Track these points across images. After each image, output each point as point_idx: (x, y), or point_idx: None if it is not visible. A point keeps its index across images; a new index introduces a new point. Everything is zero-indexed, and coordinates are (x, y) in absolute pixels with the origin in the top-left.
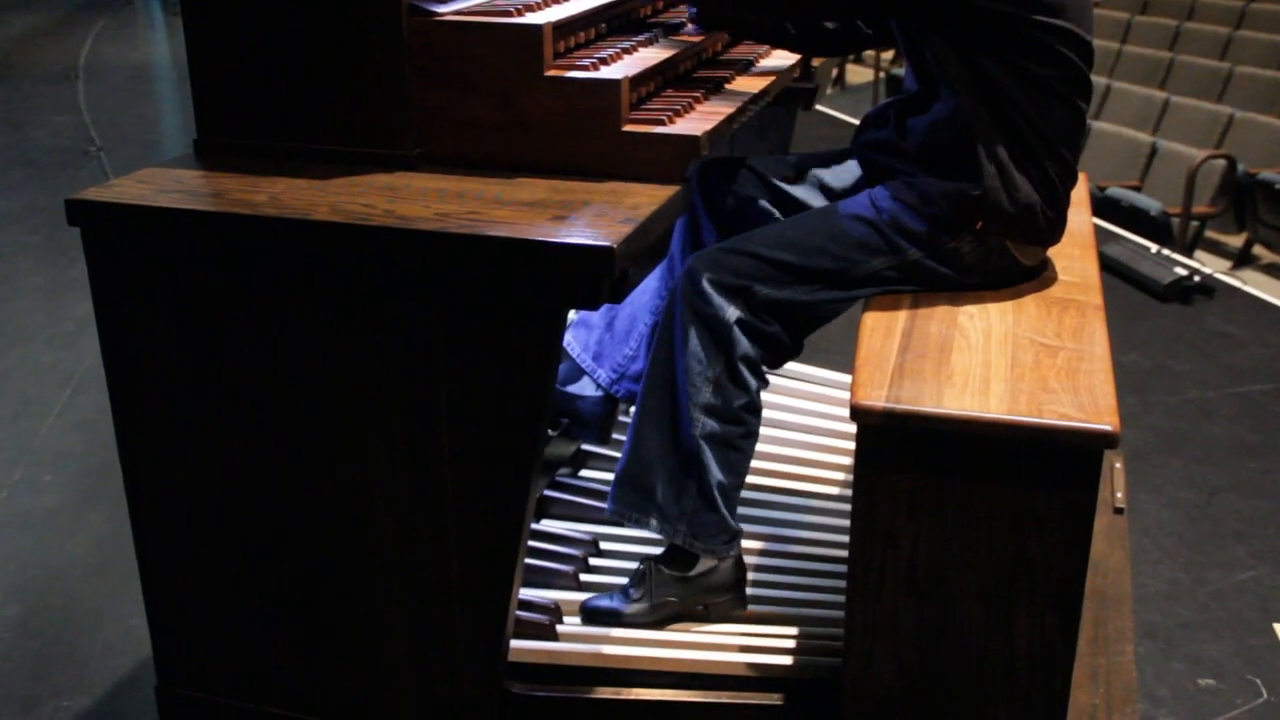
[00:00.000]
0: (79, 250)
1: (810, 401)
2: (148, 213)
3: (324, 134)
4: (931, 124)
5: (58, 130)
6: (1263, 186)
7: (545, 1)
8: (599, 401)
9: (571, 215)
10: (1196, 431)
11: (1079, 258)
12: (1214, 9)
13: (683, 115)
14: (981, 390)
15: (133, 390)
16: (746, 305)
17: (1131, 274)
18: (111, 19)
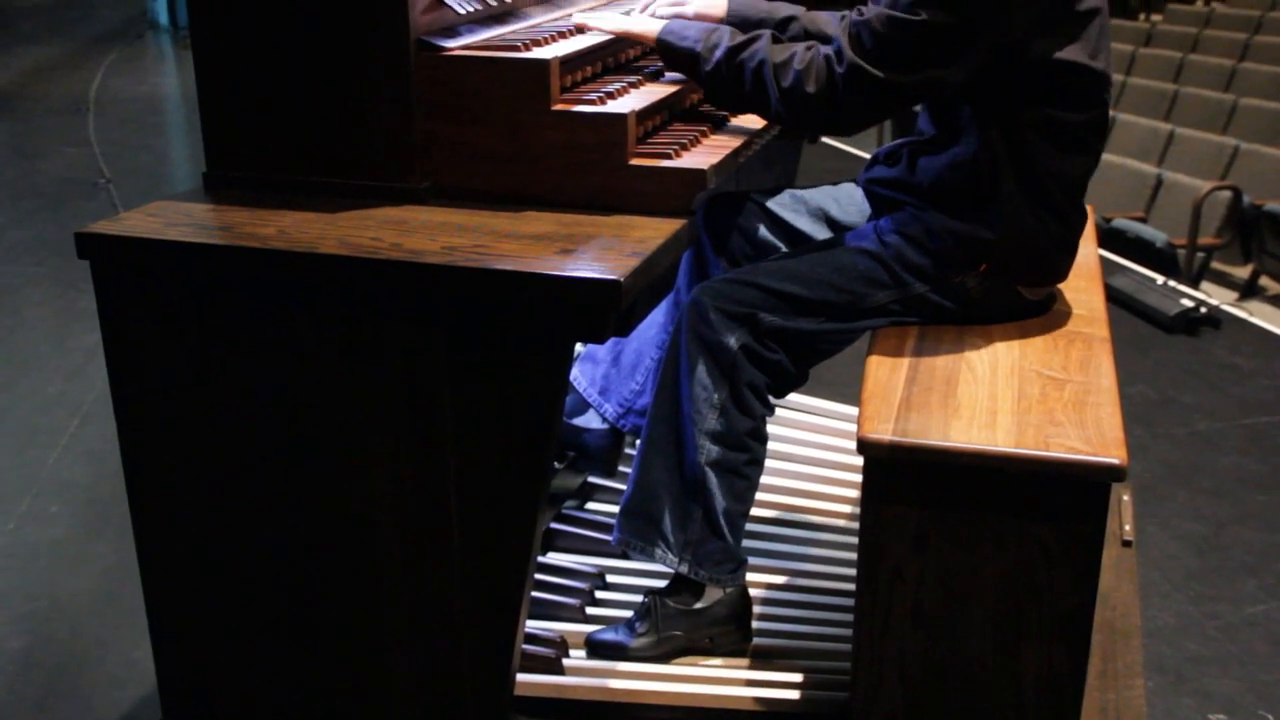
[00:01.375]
0: (87, 281)
1: (817, 434)
2: (157, 246)
3: (332, 168)
4: (949, 166)
5: (68, 162)
6: (1268, 218)
7: (552, 36)
8: (605, 434)
9: (578, 249)
10: (1204, 463)
11: (1085, 290)
12: (1218, 42)
13: (689, 149)
14: (988, 423)
15: (140, 421)
16: (751, 333)
17: (1138, 305)
18: (122, 52)
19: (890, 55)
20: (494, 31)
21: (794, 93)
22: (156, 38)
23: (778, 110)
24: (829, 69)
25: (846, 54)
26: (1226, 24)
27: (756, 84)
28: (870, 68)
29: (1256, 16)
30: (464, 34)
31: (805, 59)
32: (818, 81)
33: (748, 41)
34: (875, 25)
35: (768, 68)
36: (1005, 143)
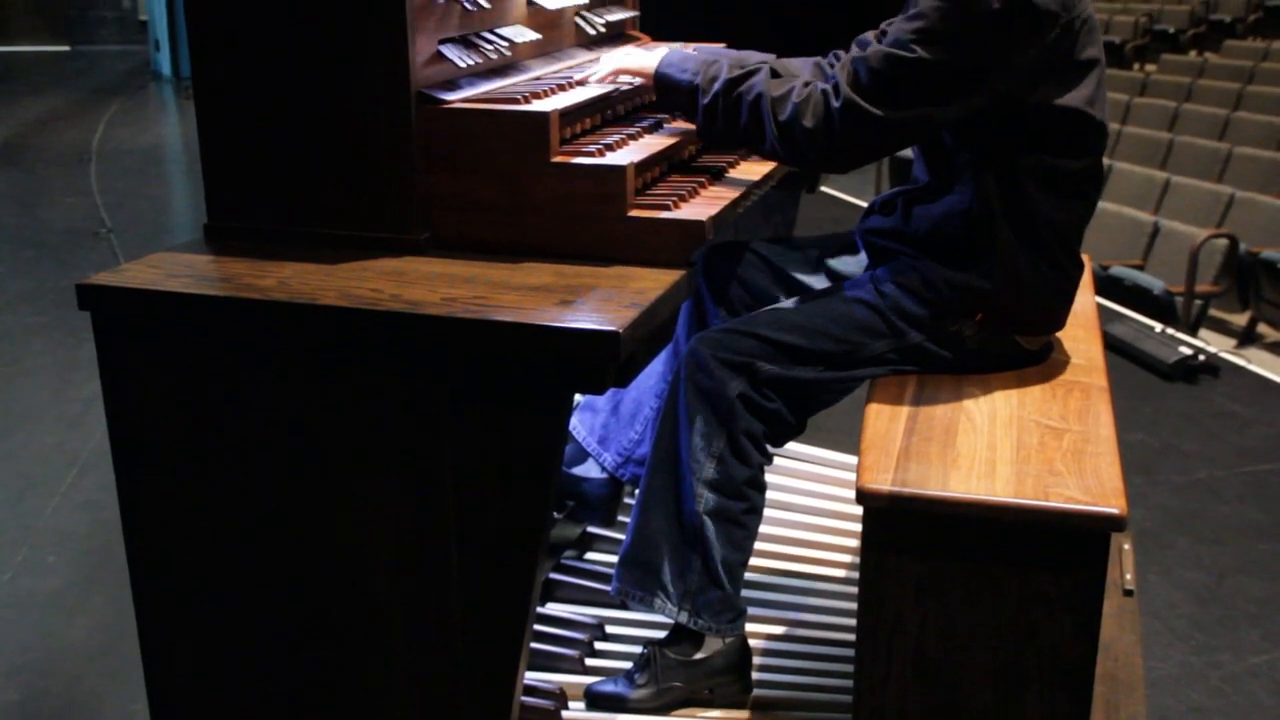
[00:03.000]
0: (87, 331)
1: (816, 483)
2: (157, 297)
3: (333, 219)
4: (944, 215)
5: (69, 212)
6: (1265, 265)
7: (552, 89)
8: (604, 484)
9: (577, 300)
10: (1205, 511)
11: (1083, 339)
12: (1212, 91)
13: (688, 200)
14: (987, 473)
15: (139, 472)
16: (749, 381)
17: (1136, 353)
18: (124, 102)
19: (886, 92)
20: (494, 84)
21: (791, 127)
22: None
23: (773, 144)
24: (826, 104)
25: (844, 89)
26: (1220, 74)
27: (753, 117)
28: (866, 104)
29: (1249, 67)
30: (464, 86)
31: (803, 93)
32: (815, 116)
33: (746, 74)
34: (873, 62)
35: (765, 101)
36: (1001, 191)
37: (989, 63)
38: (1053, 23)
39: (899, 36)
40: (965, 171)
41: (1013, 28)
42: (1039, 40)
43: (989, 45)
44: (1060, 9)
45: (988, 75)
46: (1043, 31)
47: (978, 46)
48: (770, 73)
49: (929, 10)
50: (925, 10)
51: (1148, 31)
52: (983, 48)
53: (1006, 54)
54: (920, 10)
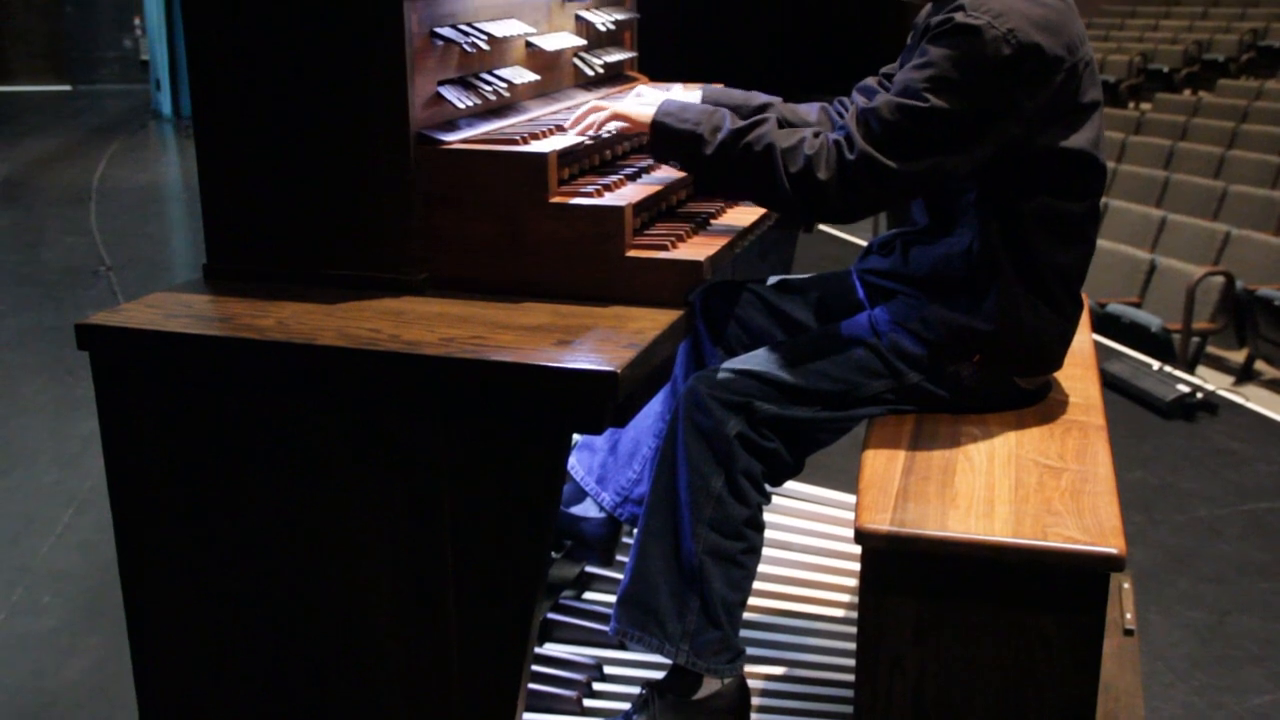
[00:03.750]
0: (85, 369)
1: (814, 522)
2: (156, 337)
3: (332, 259)
4: (944, 256)
5: (68, 250)
6: (1262, 303)
7: (550, 130)
8: (603, 523)
9: (575, 340)
10: (1205, 550)
11: (1081, 378)
12: (1206, 130)
13: (685, 240)
14: (986, 513)
15: (136, 512)
16: (747, 420)
17: (1134, 391)
18: (125, 141)
19: (901, 143)
20: (493, 125)
21: (804, 178)
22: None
23: (785, 195)
24: (840, 156)
25: (857, 141)
26: (1214, 113)
27: (764, 167)
28: (881, 156)
29: (1243, 106)
30: (463, 127)
31: (815, 145)
32: (828, 168)
33: (753, 124)
34: (885, 113)
35: (776, 151)
36: (1004, 234)
37: (1001, 108)
38: (1060, 66)
39: (910, 85)
40: (967, 214)
41: (1023, 73)
42: (1048, 84)
43: (1001, 91)
44: (1066, 53)
45: (1000, 121)
46: (1051, 76)
47: (990, 93)
48: (776, 122)
49: (939, 59)
50: (936, 59)
51: (1142, 71)
52: (995, 94)
53: (1017, 99)
54: (930, 59)
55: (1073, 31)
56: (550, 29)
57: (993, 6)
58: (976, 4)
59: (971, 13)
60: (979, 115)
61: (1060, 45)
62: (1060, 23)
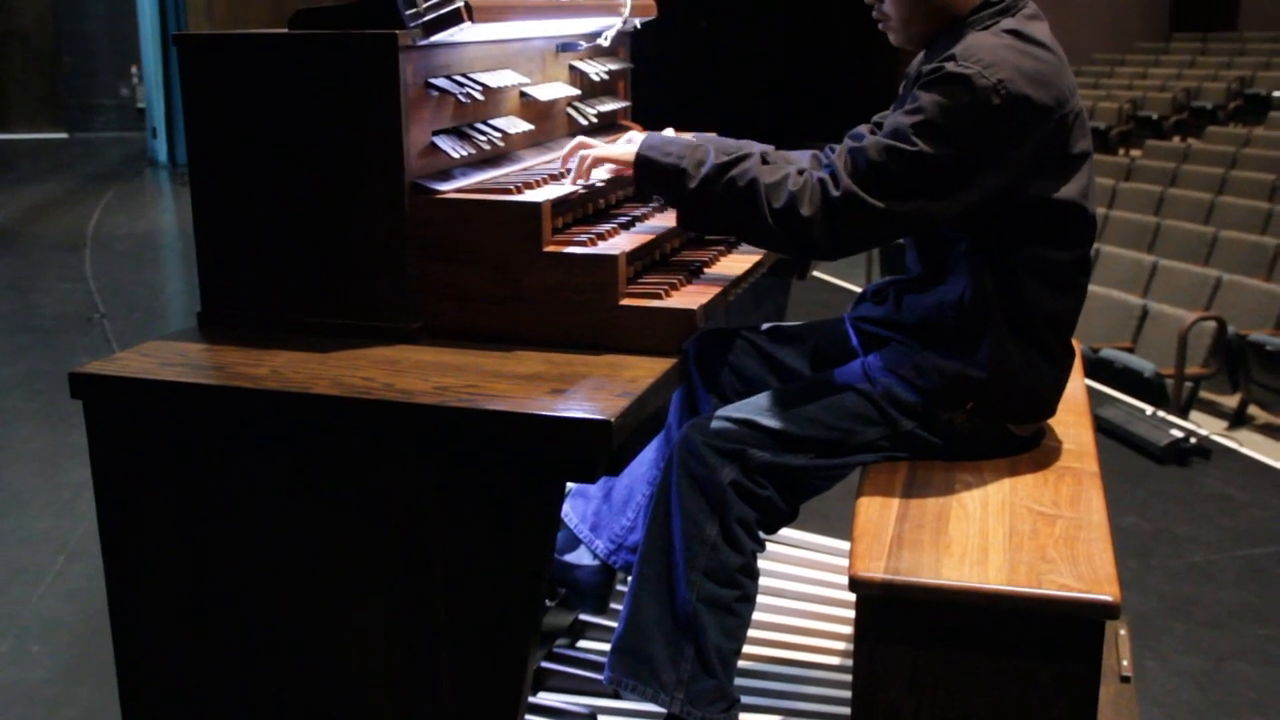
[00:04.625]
0: (78, 416)
1: (809, 569)
2: (150, 386)
3: (327, 307)
4: (937, 305)
5: (63, 297)
6: (1254, 347)
7: (544, 179)
8: (597, 571)
9: (569, 389)
10: (1201, 596)
11: (1074, 424)
12: (1196, 176)
13: (679, 289)
14: (980, 560)
15: (128, 560)
16: (741, 468)
17: (1128, 436)
18: (120, 189)
19: (885, 183)
20: (487, 174)
21: (787, 214)
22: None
23: (767, 230)
24: (824, 193)
25: (843, 179)
26: (1203, 159)
27: (747, 202)
28: (865, 195)
29: (1232, 152)
30: (458, 177)
31: (800, 181)
32: (812, 204)
33: (737, 159)
34: (871, 153)
35: (760, 186)
36: (995, 282)
37: (988, 157)
38: (1048, 118)
39: (898, 128)
40: (959, 262)
41: (1011, 122)
42: (1036, 134)
43: (988, 140)
44: (1055, 104)
45: (986, 169)
46: (1039, 127)
47: (977, 141)
48: (760, 159)
49: (929, 104)
50: (925, 104)
51: (1132, 118)
52: (982, 142)
53: (1005, 148)
54: (921, 104)
55: (1063, 84)
56: (544, 79)
57: (984, 57)
58: (968, 54)
59: (963, 62)
60: (965, 162)
61: (1050, 97)
62: (1051, 75)
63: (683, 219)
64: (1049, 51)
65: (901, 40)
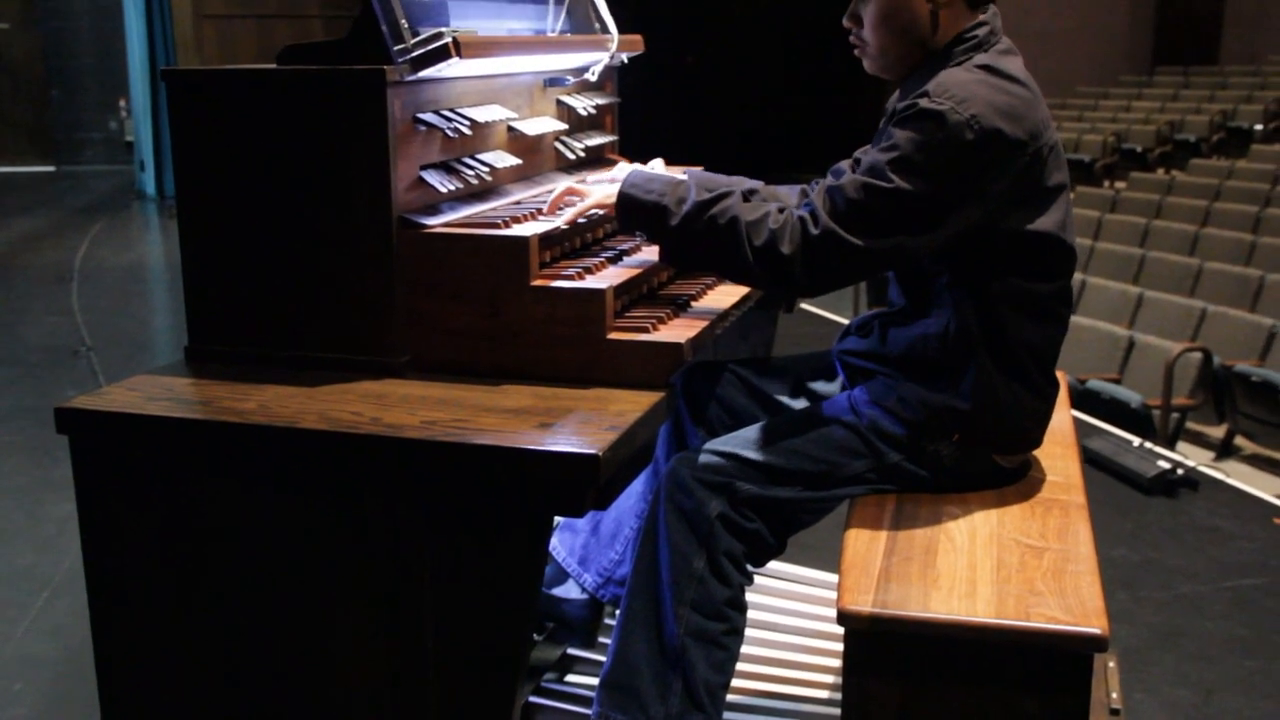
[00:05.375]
0: (63, 451)
1: (797, 602)
2: (137, 421)
3: (314, 342)
4: (920, 337)
5: (49, 330)
6: (1240, 378)
7: (532, 214)
8: (585, 605)
9: (556, 423)
10: (1190, 628)
11: (1061, 455)
12: (1180, 208)
13: (666, 323)
14: (968, 593)
15: (112, 597)
16: (729, 501)
17: (1115, 468)
18: (108, 221)
19: (863, 220)
20: (475, 208)
21: (768, 252)
22: (143, 207)
23: (748, 267)
24: (804, 230)
25: (822, 217)
26: (1187, 191)
27: (728, 240)
28: (844, 232)
29: (1215, 185)
30: (446, 211)
31: (780, 219)
32: (792, 242)
33: (718, 197)
34: (849, 191)
35: (741, 224)
36: (977, 314)
37: (964, 191)
38: (1022, 152)
39: (875, 165)
40: (941, 295)
41: (986, 157)
42: (1011, 168)
43: (963, 175)
44: (1029, 138)
45: (963, 204)
46: (1013, 161)
47: (953, 176)
48: (742, 196)
49: (904, 141)
50: (900, 141)
51: (1116, 150)
52: (957, 177)
53: (980, 183)
54: (895, 141)
55: (1036, 118)
56: (532, 113)
57: (956, 93)
58: (941, 90)
59: (935, 98)
60: (941, 197)
61: (1023, 131)
62: (1023, 110)
63: (664, 255)
64: (1022, 86)
65: (876, 69)
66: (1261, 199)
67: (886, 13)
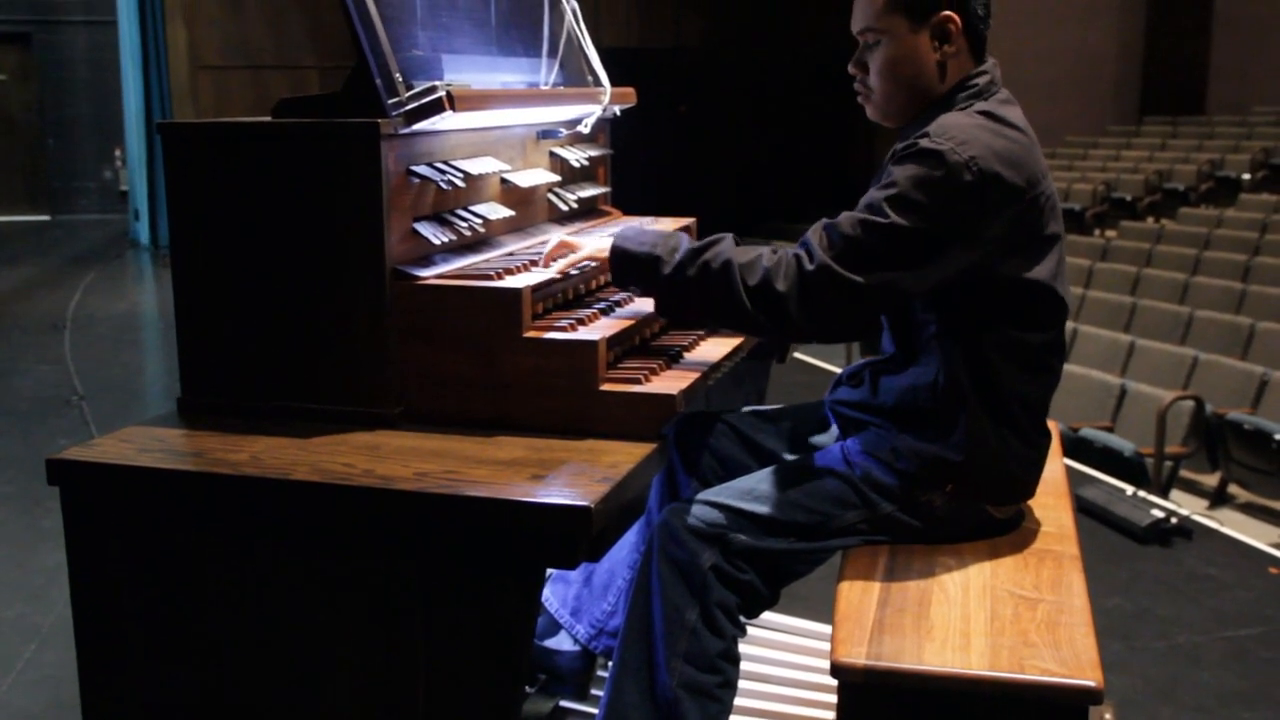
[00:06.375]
0: (53, 500)
1: (790, 653)
2: (129, 473)
3: (307, 393)
4: (911, 387)
5: (41, 380)
6: (1232, 426)
7: (525, 265)
8: (577, 657)
9: (549, 474)
10: (1186, 678)
11: (1053, 506)
12: (1170, 256)
13: (659, 374)
14: (962, 646)
15: (101, 648)
16: (722, 552)
17: (1109, 517)
18: (101, 270)
19: (859, 256)
20: (468, 260)
21: (762, 291)
22: (137, 256)
23: (744, 310)
24: (799, 267)
25: (817, 252)
26: (1177, 240)
27: (722, 284)
28: (839, 268)
29: (1204, 233)
30: (439, 263)
31: (773, 258)
32: (787, 279)
33: (710, 243)
34: (845, 227)
35: (734, 267)
36: (966, 365)
37: (959, 232)
38: (1019, 197)
39: (872, 202)
40: (931, 344)
41: (983, 199)
42: (1007, 213)
43: (960, 215)
44: (1026, 185)
45: (957, 244)
46: (1010, 205)
47: (949, 216)
48: (734, 241)
49: (902, 178)
50: (899, 179)
51: (1106, 199)
52: (954, 217)
53: (975, 225)
54: (894, 179)
55: (1034, 165)
56: (525, 165)
57: (956, 135)
58: (941, 131)
59: (936, 138)
60: (936, 236)
61: (1020, 177)
62: (1022, 156)
63: (659, 307)
64: (1021, 133)
65: (879, 116)
66: (1251, 247)
67: (894, 61)
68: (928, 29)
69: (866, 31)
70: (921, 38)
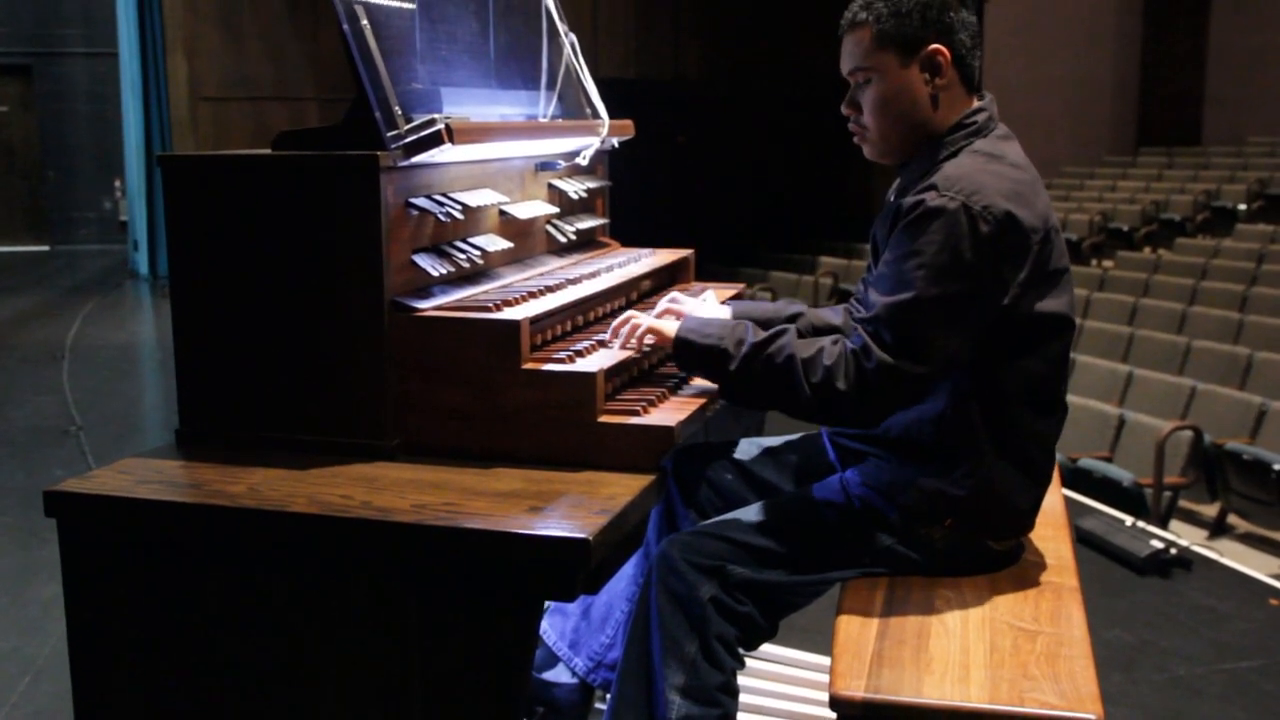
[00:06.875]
0: (50, 531)
1: (789, 685)
2: (125, 504)
3: (305, 424)
4: (915, 421)
5: (38, 410)
6: (1230, 457)
7: (522, 296)
8: (575, 689)
9: (547, 506)
10: (1187, 711)
11: (1052, 538)
12: (1168, 287)
13: (656, 405)
14: (961, 678)
15: (97, 681)
16: (721, 585)
17: (1109, 548)
18: (100, 300)
19: (912, 344)
20: (466, 292)
21: (825, 388)
22: (136, 287)
23: (807, 403)
24: (859, 365)
25: (874, 351)
26: (1174, 270)
27: (786, 379)
28: (897, 362)
29: (1201, 263)
30: (437, 294)
31: (834, 354)
32: (847, 378)
33: (773, 336)
34: (887, 320)
35: (797, 363)
36: (980, 398)
37: (990, 282)
38: (1035, 235)
39: (902, 279)
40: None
41: (1005, 245)
42: (1028, 252)
43: (988, 266)
44: (1040, 222)
45: (991, 295)
46: (1029, 244)
47: (979, 268)
48: (796, 333)
49: (924, 247)
50: (921, 247)
51: (1103, 230)
52: (983, 269)
53: (1002, 271)
54: (916, 248)
55: (1041, 200)
56: (523, 197)
57: (965, 186)
58: (948, 184)
59: (944, 193)
60: (973, 292)
61: (1033, 215)
62: (1029, 193)
63: (724, 394)
64: (1023, 171)
65: (876, 154)
66: (1248, 277)
67: (887, 97)
68: (917, 62)
69: (857, 71)
70: (912, 71)
